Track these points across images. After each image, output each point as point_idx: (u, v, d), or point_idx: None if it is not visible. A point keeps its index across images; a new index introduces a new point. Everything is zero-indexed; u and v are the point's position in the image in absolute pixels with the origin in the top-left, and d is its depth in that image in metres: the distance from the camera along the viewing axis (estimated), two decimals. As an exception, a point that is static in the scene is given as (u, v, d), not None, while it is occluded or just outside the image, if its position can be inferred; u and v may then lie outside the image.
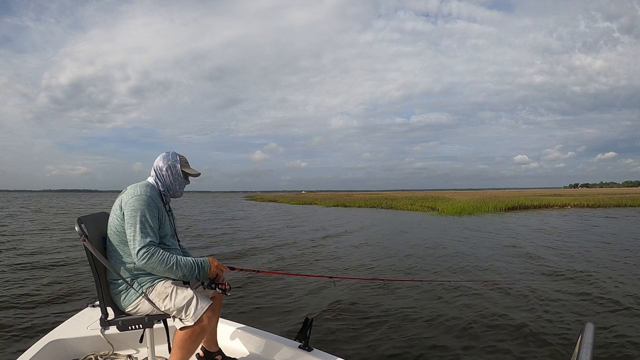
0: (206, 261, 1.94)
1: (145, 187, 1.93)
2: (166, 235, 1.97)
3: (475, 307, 4.70)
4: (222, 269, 2.01)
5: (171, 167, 2.05)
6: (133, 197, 1.87)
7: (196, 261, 1.90)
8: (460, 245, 9.90)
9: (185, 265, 1.85)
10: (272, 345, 2.37)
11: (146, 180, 2.04)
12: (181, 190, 2.11)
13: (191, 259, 1.90)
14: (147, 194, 1.89)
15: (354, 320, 4.30)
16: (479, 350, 3.54)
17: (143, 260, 1.77)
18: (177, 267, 1.82)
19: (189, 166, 2.14)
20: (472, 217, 20.49)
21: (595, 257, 8.08)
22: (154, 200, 1.92)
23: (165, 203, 2.04)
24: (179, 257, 1.86)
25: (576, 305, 4.83)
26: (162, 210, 1.97)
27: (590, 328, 1.12)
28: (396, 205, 31.32)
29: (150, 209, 1.86)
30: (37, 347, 2.16)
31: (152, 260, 1.77)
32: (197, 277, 1.92)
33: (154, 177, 2.05)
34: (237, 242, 10.90)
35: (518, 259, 7.98)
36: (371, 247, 10.04)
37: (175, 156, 2.09)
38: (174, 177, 2.06)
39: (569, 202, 29.84)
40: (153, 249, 1.79)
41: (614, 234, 11.98)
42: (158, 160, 2.06)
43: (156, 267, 1.80)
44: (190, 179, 2.16)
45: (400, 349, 3.59)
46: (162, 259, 1.79)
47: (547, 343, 3.65)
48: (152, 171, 2.07)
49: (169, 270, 1.82)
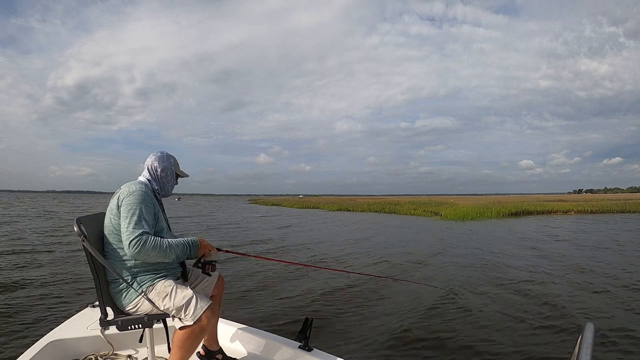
0: (195, 239, 2.01)
1: (140, 185, 1.98)
2: (163, 230, 2.01)
3: (471, 310, 4.68)
4: (209, 248, 2.08)
5: (167, 168, 2.13)
6: (130, 194, 1.90)
7: (186, 240, 1.96)
8: (453, 249, 9.88)
9: (177, 245, 1.90)
10: (272, 345, 2.36)
11: (138, 179, 2.08)
12: (172, 190, 2.20)
13: (181, 239, 1.96)
14: (143, 191, 1.94)
15: (354, 320, 4.30)
16: (477, 351, 3.52)
17: (136, 248, 1.78)
18: (170, 248, 1.86)
19: (179, 167, 2.23)
20: (474, 222, 20.45)
21: (595, 261, 8.04)
22: (149, 196, 1.96)
23: (158, 200, 2.09)
24: (170, 239, 1.91)
25: (576, 305, 4.80)
26: (157, 206, 2.01)
27: (590, 328, 1.11)
28: (399, 210, 31.26)
29: (146, 204, 1.90)
30: (37, 347, 2.16)
31: (146, 247, 1.79)
32: (189, 256, 1.98)
33: (147, 176, 2.09)
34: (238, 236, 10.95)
35: (516, 260, 7.96)
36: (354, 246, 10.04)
37: (170, 158, 2.17)
38: (167, 179, 2.14)
39: (572, 207, 29.66)
40: (145, 237, 1.80)
41: (614, 240, 11.92)
42: (153, 161, 2.11)
43: (150, 253, 1.81)
44: (179, 180, 2.25)
45: (401, 348, 3.58)
46: (155, 244, 1.81)
47: (547, 343, 3.64)
48: (145, 171, 2.11)
49: (164, 253, 1.84)
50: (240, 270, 7.05)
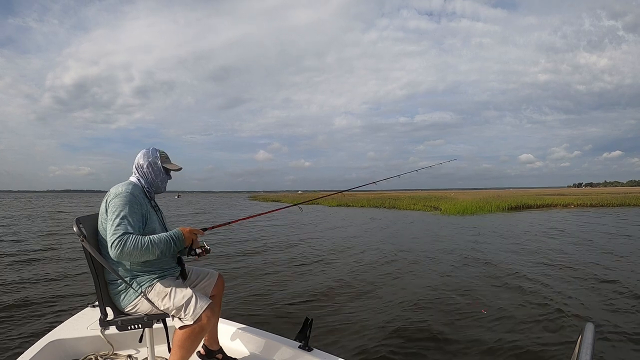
0: (178, 231, 1.93)
1: (127, 186, 1.94)
2: (155, 231, 1.94)
3: (471, 309, 4.69)
4: (195, 232, 2.01)
5: (152, 164, 2.06)
6: (116, 196, 1.87)
7: (169, 234, 1.89)
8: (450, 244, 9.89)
9: (160, 241, 1.83)
10: (272, 345, 2.36)
11: (129, 179, 2.05)
12: (164, 185, 2.12)
13: (164, 234, 1.89)
14: (129, 192, 1.90)
15: (355, 320, 4.29)
16: (477, 350, 3.52)
17: (118, 249, 1.73)
18: (152, 245, 1.79)
19: (169, 161, 2.15)
20: (473, 217, 20.47)
21: (595, 257, 8.04)
22: (136, 197, 1.91)
23: (150, 199, 2.05)
24: (152, 236, 1.83)
25: (575, 305, 4.79)
26: (146, 206, 1.97)
27: (590, 328, 1.11)
28: (399, 205, 31.25)
29: (131, 206, 1.86)
30: (37, 347, 2.16)
31: (127, 247, 1.73)
32: (175, 249, 1.91)
33: (136, 175, 2.05)
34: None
35: (513, 256, 7.98)
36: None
37: (155, 152, 2.10)
38: (155, 174, 2.07)
39: (572, 201, 29.70)
40: (126, 237, 1.75)
41: (610, 234, 11.91)
42: (139, 158, 2.07)
43: (133, 253, 1.75)
44: (173, 174, 2.17)
45: (401, 347, 3.58)
46: (136, 243, 1.75)
47: (547, 343, 3.63)
48: (133, 169, 2.07)
49: (146, 251, 1.78)
50: (240, 269, 7.05)
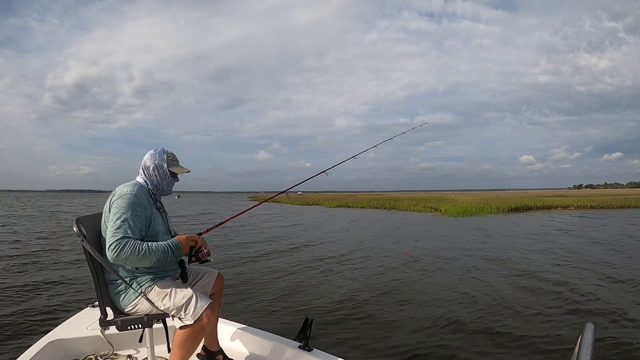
0: (176, 240, 1.90)
1: (132, 187, 1.91)
2: (158, 233, 1.93)
3: (473, 307, 4.69)
4: (192, 239, 1.98)
5: (158, 166, 2.02)
6: (120, 197, 1.85)
7: (167, 244, 1.86)
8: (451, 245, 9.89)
9: (157, 249, 1.81)
10: (272, 345, 2.36)
11: (135, 179, 2.02)
12: (169, 188, 2.08)
13: (162, 242, 1.86)
14: (134, 193, 1.87)
15: (354, 320, 4.29)
16: (476, 351, 3.52)
17: (114, 252, 1.71)
18: (149, 252, 1.77)
19: (177, 164, 2.10)
20: (473, 218, 20.48)
21: (594, 258, 8.02)
22: (140, 199, 1.89)
23: (155, 201, 2.02)
24: (150, 243, 1.81)
25: (575, 305, 4.79)
26: (151, 208, 1.94)
27: (590, 328, 1.11)
28: (399, 206, 31.26)
29: (134, 208, 1.83)
30: (37, 347, 2.16)
31: (124, 251, 1.72)
32: (173, 258, 1.89)
33: (142, 176, 2.02)
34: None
35: (512, 256, 7.97)
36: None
37: (163, 155, 2.06)
38: (161, 177, 2.03)
39: (572, 203, 29.69)
40: (125, 241, 1.73)
41: (610, 235, 11.92)
42: (146, 159, 2.03)
43: (130, 258, 1.73)
44: (180, 176, 2.13)
45: (401, 347, 3.58)
46: (134, 248, 1.73)
47: (547, 343, 3.63)
48: (140, 169, 2.03)
49: (143, 257, 1.76)
50: (240, 269, 7.06)
